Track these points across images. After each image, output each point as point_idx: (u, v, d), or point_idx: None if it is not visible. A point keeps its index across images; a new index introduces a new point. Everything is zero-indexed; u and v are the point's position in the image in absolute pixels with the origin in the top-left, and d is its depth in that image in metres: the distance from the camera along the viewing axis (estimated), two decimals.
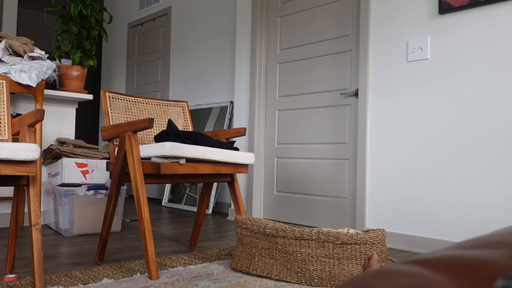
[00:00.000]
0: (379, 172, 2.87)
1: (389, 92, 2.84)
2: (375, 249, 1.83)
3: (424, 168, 2.66)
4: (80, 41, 3.45)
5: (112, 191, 2.16)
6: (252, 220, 2.02)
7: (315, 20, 3.40)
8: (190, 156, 2.01)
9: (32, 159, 1.64)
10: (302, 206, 3.43)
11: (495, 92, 2.41)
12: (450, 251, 0.35)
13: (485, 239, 0.37)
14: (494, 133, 2.41)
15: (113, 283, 1.84)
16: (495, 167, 2.40)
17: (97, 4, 3.44)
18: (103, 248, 2.20)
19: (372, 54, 2.95)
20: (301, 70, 3.49)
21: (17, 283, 1.79)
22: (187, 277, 1.95)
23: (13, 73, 2.86)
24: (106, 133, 2.15)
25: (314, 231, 1.85)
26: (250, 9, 3.83)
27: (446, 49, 2.60)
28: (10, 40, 3.00)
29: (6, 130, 2.04)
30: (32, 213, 1.69)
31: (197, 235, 2.61)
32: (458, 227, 2.51)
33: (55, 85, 3.48)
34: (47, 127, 3.43)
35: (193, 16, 4.84)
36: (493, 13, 2.43)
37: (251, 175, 3.69)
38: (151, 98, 2.56)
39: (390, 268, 0.33)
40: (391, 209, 2.79)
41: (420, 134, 2.69)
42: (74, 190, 2.89)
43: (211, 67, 4.57)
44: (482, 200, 2.43)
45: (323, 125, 3.31)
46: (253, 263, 1.99)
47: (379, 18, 2.92)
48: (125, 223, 3.49)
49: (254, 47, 3.75)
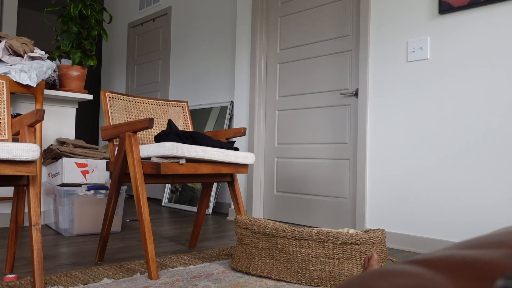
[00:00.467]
0: (379, 172, 2.87)
1: (389, 92, 2.84)
2: (375, 249, 1.83)
3: (424, 168, 2.66)
4: (80, 41, 3.45)
5: (112, 191, 2.16)
6: (252, 220, 2.02)
7: (315, 20, 3.40)
8: (190, 156, 2.01)
9: (32, 159, 1.64)
10: (302, 206, 3.43)
11: (495, 92, 2.41)
12: (450, 251, 0.35)
13: (485, 239, 0.37)
14: (494, 133, 2.41)
15: (113, 283, 1.84)
16: (495, 167, 2.40)
17: (97, 4, 3.44)
18: (103, 248, 2.20)
19: (372, 54, 2.95)
20: (301, 70, 3.49)
21: (17, 283, 1.79)
22: (187, 277, 1.95)
23: (13, 73, 2.86)
24: (106, 133, 2.15)
25: (314, 231, 1.85)
26: (250, 9, 3.83)
27: (446, 49, 2.60)
28: (10, 40, 3.00)
29: (6, 130, 2.04)
30: (32, 213, 1.69)
31: (197, 235, 2.61)
32: (458, 227, 2.51)
33: (55, 85, 3.48)
34: (47, 127, 3.43)
35: (193, 16, 4.84)
36: (493, 13, 2.43)
37: (251, 175, 3.69)
38: (151, 98, 2.56)
39: (390, 268, 0.33)
40: (391, 209, 2.79)
41: (420, 134, 2.69)
42: (74, 190, 2.89)
43: (211, 67, 4.57)
44: (482, 200, 2.43)
45: (323, 125, 3.31)
46: (253, 263, 1.99)
47: (379, 18, 2.92)
48: (125, 223, 3.49)
49: (254, 47, 3.75)
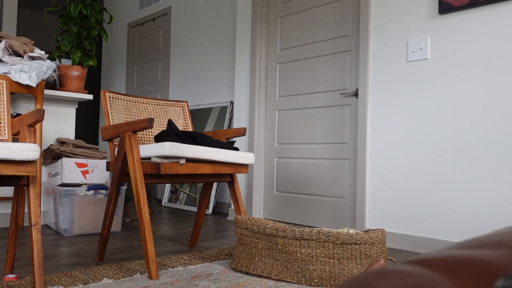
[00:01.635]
0: (379, 172, 2.87)
1: (389, 92, 2.84)
2: (375, 249, 1.83)
3: (424, 168, 2.66)
4: (80, 41, 3.45)
5: (112, 191, 2.16)
6: (252, 220, 2.02)
7: (315, 20, 3.40)
8: (190, 156, 2.01)
9: (32, 159, 1.64)
10: (302, 206, 3.43)
11: (495, 92, 2.41)
12: (450, 251, 0.35)
13: (485, 239, 0.37)
14: (494, 133, 2.41)
15: (113, 283, 1.83)
16: (495, 167, 2.40)
17: (97, 4, 3.44)
18: (103, 248, 2.20)
19: (372, 54, 2.95)
20: (301, 70, 3.48)
21: (17, 283, 1.79)
22: (187, 277, 1.95)
23: (13, 73, 2.86)
24: (106, 133, 2.15)
25: (314, 231, 1.85)
26: (250, 9, 3.83)
27: (446, 49, 2.60)
28: (10, 40, 3.00)
29: (6, 130, 2.04)
30: (32, 213, 1.69)
31: (197, 235, 2.61)
32: (458, 227, 2.51)
33: (55, 85, 3.48)
34: (47, 127, 3.43)
35: (193, 16, 4.84)
36: (493, 13, 2.43)
37: (251, 175, 3.69)
38: (151, 98, 2.56)
39: (390, 268, 0.33)
40: (391, 209, 2.79)
41: (420, 134, 2.69)
42: (74, 190, 2.89)
43: (211, 67, 4.57)
44: (482, 200, 2.43)
45: (323, 125, 3.31)
46: (253, 263, 1.99)
47: (379, 18, 2.92)
48: (125, 223, 3.49)
49: (254, 47, 3.75)
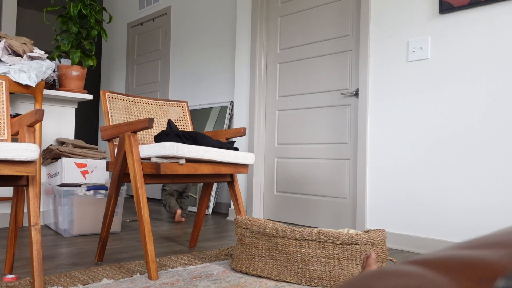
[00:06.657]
0: (379, 172, 2.87)
1: (389, 92, 2.84)
2: (376, 250, 1.82)
3: (425, 168, 2.66)
4: (80, 41, 3.44)
5: (112, 191, 2.16)
6: (252, 220, 2.02)
7: (315, 20, 3.40)
8: (190, 156, 2.01)
9: (31, 159, 1.64)
10: (302, 206, 3.42)
11: (495, 92, 2.41)
12: (451, 252, 0.35)
13: (485, 239, 0.37)
14: (494, 133, 2.40)
15: (113, 283, 1.83)
16: (495, 167, 2.39)
17: (96, 4, 3.44)
18: (103, 248, 2.20)
19: (372, 54, 2.94)
20: (301, 70, 3.48)
21: (17, 284, 1.78)
22: (187, 277, 1.95)
23: (12, 73, 2.86)
24: (106, 133, 2.14)
25: (314, 232, 1.84)
26: (250, 9, 3.83)
27: (446, 49, 2.60)
28: (10, 40, 3.00)
29: (5, 130, 2.04)
30: (31, 213, 1.69)
31: (197, 236, 2.60)
32: (458, 227, 2.50)
33: (54, 85, 3.47)
34: (47, 127, 3.43)
35: (193, 16, 4.84)
36: (493, 13, 2.43)
37: (251, 175, 3.69)
38: (151, 98, 2.56)
39: (390, 268, 0.33)
40: (391, 209, 2.79)
41: (420, 134, 2.69)
42: (74, 190, 2.89)
43: (211, 67, 4.57)
44: (483, 200, 2.43)
45: (323, 125, 3.31)
46: (253, 263, 1.99)
47: (379, 18, 2.91)
48: (125, 223, 3.48)
49: (254, 47, 3.75)
